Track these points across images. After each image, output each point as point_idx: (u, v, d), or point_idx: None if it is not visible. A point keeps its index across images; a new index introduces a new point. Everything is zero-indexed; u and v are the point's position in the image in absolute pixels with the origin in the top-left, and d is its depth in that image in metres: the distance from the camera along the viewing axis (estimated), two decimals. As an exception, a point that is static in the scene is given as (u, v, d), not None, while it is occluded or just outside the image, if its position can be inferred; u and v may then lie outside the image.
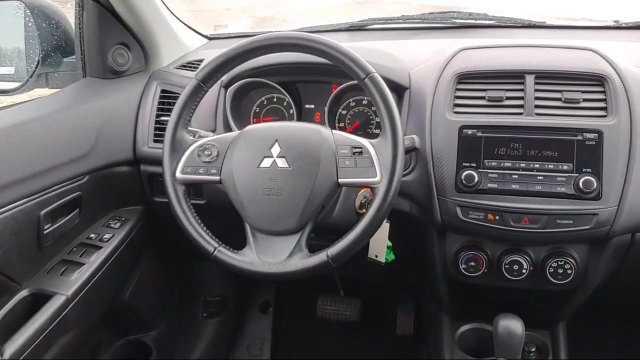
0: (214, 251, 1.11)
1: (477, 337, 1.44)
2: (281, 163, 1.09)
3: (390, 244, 1.31)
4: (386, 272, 1.56)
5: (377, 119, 1.41)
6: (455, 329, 1.46)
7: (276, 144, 1.11)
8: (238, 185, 1.11)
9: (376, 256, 1.32)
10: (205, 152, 1.15)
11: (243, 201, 1.10)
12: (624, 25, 1.66)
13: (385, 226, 1.29)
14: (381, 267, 1.34)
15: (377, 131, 1.42)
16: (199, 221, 1.14)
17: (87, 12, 1.43)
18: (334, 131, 1.13)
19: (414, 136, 1.20)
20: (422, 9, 1.79)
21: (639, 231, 1.20)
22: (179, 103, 1.16)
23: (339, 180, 1.09)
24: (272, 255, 1.09)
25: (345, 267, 1.56)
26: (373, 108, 1.41)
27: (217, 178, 1.14)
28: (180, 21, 1.74)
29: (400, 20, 1.77)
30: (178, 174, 1.15)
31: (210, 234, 1.13)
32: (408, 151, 1.19)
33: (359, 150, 1.09)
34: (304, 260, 1.07)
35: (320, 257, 1.06)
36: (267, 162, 1.10)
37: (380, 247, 1.31)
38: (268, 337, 2.06)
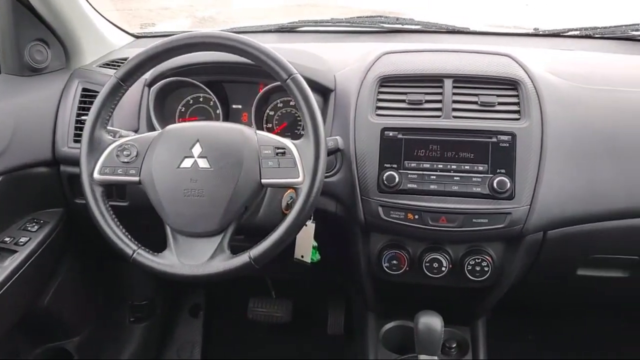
0: (133, 254, 1.09)
1: (401, 335, 1.47)
2: (202, 163, 1.08)
3: (315, 244, 1.32)
4: (314, 272, 1.58)
5: None
6: (380, 327, 1.49)
7: (197, 144, 1.10)
8: (157, 186, 1.09)
9: (302, 256, 1.33)
10: (124, 152, 1.12)
11: (163, 202, 1.08)
12: (541, 32, 1.74)
13: (311, 226, 1.30)
14: (308, 267, 1.35)
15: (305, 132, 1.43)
16: (118, 223, 1.11)
17: (0, 6, 1.37)
18: (257, 131, 1.13)
19: (337, 137, 1.21)
20: (362, 14, 1.82)
21: (550, 229, 1.25)
22: (97, 102, 1.13)
23: (262, 180, 1.09)
24: (193, 258, 1.08)
25: (273, 268, 1.56)
26: None
27: (136, 179, 1.11)
28: (105, 19, 1.69)
29: (330, 24, 1.80)
30: (96, 175, 1.12)
31: (129, 236, 1.11)
32: (332, 152, 1.20)
33: (282, 150, 1.09)
34: (225, 262, 1.07)
35: (242, 258, 1.06)
36: (187, 163, 1.09)
37: (306, 247, 1.32)
38: (198, 341, 2.04)
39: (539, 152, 1.20)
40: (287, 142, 1.10)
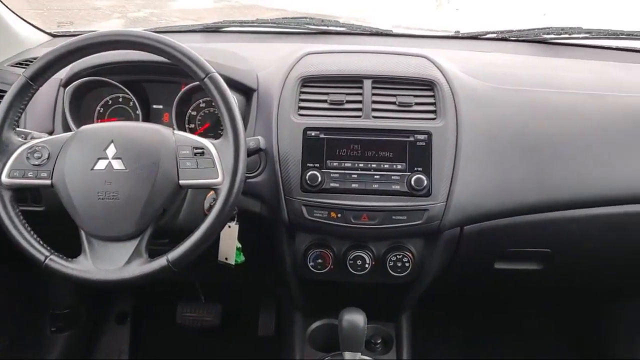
0: (45, 260, 1.05)
1: (328, 333, 1.48)
2: (117, 165, 1.06)
3: (239, 245, 1.31)
4: (242, 274, 1.57)
5: None
6: (307, 326, 1.50)
7: (112, 144, 1.07)
8: (70, 189, 1.05)
9: (226, 259, 1.31)
10: (35, 155, 1.08)
11: (76, 206, 1.05)
12: (461, 35, 1.80)
13: (235, 228, 1.29)
14: (233, 269, 1.34)
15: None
16: (29, 229, 1.07)
17: None
18: (175, 131, 1.11)
19: (259, 137, 1.21)
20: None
21: (467, 225, 1.30)
22: (4, 102, 1.08)
23: (180, 181, 1.07)
24: (109, 262, 1.05)
25: (199, 272, 1.54)
26: None
27: (48, 182, 1.07)
28: (20, 17, 1.62)
29: (255, 24, 1.79)
30: (4, 179, 1.07)
31: (40, 242, 1.07)
32: (253, 152, 1.20)
33: (200, 150, 1.08)
34: (142, 266, 1.05)
35: (160, 262, 1.04)
36: (101, 164, 1.06)
37: (229, 249, 1.30)
38: (126, 349, 1.98)
39: (454, 151, 1.24)
40: (206, 142, 1.09)
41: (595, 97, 1.36)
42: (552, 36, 1.67)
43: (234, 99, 1.27)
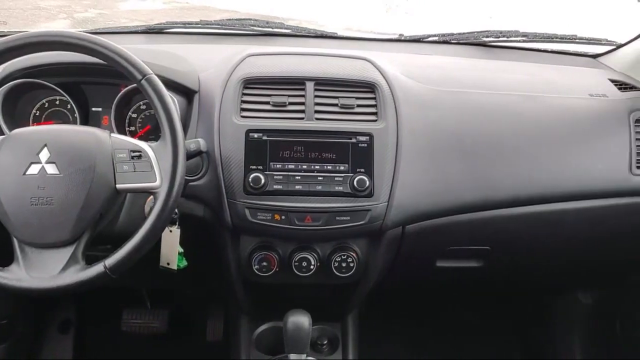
0: None
1: (275, 336, 1.48)
2: (51, 169, 1.02)
3: (182, 250, 1.29)
4: (187, 279, 1.55)
5: None
6: (253, 330, 1.49)
7: (45, 148, 1.03)
8: (1, 195, 1.02)
9: (168, 264, 1.29)
10: None
11: (8, 212, 1.01)
12: (404, 38, 1.83)
13: (176, 232, 1.27)
14: (175, 274, 1.31)
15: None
16: None
17: None
18: (112, 134, 1.09)
19: (199, 139, 1.20)
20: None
21: (408, 224, 1.32)
22: None
23: (117, 186, 1.05)
24: (43, 270, 1.02)
25: (141, 277, 1.51)
26: None
27: None
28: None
29: (199, 25, 1.77)
30: None
31: None
32: (194, 155, 1.18)
33: (137, 154, 1.06)
34: (79, 273, 1.02)
35: (97, 268, 1.02)
36: (34, 169, 1.02)
37: (171, 254, 1.28)
38: (69, 359, 1.92)
39: (394, 152, 1.26)
40: (143, 144, 1.07)
41: (530, 98, 1.41)
42: (491, 39, 1.72)
43: (173, 100, 1.25)
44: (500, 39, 1.71)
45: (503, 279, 1.62)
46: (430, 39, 1.80)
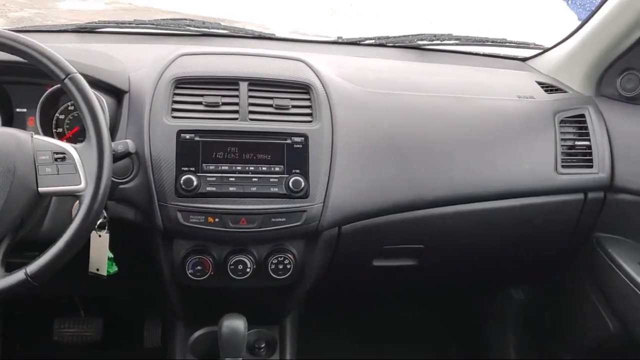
0: None
1: (211, 341, 1.45)
2: None
3: (111, 255, 1.25)
4: (119, 285, 1.50)
5: None
6: (189, 335, 1.46)
7: None
8: None
9: (97, 270, 1.25)
10: None
11: None
12: (342, 41, 1.84)
13: (105, 237, 1.23)
14: (105, 280, 1.27)
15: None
16: None
17: None
18: (35, 136, 1.05)
19: (127, 140, 1.16)
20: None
21: (344, 224, 1.32)
22: None
23: (39, 189, 1.01)
24: None
25: (70, 284, 1.45)
26: None
27: None
28: None
29: (133, 25, 1.73)
30: None
31: None
32: (122, 156, 1.15)
33: (61, 155, 1.02)
34: None
35: (18, 275, 0.98)
36: None
37: (100, 259, 1.24)
38: (-4, 372, 1.83)
39: (330, 153, 1.26)
40: (68, 146, 1.03)
41: (461, 100, 1.45)
42: (425, 42, 1.75)
43: (101, 100, 1.22)
44: (434, 42, 1.75)
45: (437, 276, 1.65)
46: (367, 41, 1.82)
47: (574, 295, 1.65)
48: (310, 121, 1.28)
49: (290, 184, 1.23)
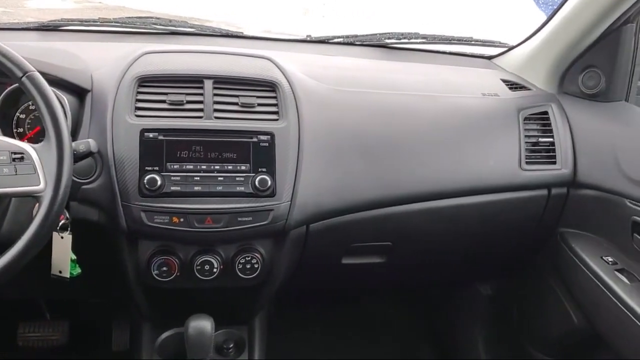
0: None
1: (179, 342, 1.44)
2: None
3: (74, 257, 1.23)
4: (84, 287, 1.48)
5: None
6: (156, 337, 1.44)
7: None
8: None
9: (60, 272, 1.23)
10: None
11: None
12: (310, 39, 1.84)
13: (68, 238, 1.21)
14: (68, 282, 1.25)
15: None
16: None
17: None
18: None
19: (89, 140, 1.14)
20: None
21: (312, 223, 1.32)
22: None
23: None
24: None
25: (33, 287, 1.42)
26: None
27: None
28: None
29: (98, 23, 1.70)
30: None
31: None
32: (83, 156, 1.13)
33: (19, 155, 1.00)
34: None
35: None
36: None
37: (63, 261, 1.22)
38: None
39: (296, 151, 1.26)
40: (26, 146, 1.01)
41: (427, 98, 1.46)
42: (393, 41, 1.76)
43: (61, 99, 1.19)
44: (402, 40, 1.75)
45: (406, 273, 1.66)
46: (335, 40, 1.82)
47: (539, 290, 1.68)
48: (277, 119, 1.28)
49: (257, 183, 1.22)
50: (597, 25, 1.41)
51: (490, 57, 1.80)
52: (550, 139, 1.46)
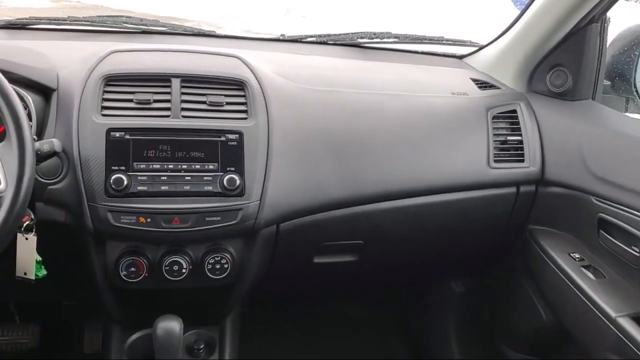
0: None
1: (148, 344, 1.42)
2: None
3: (40, 258, 1.21)
4: (52, 289, 1.46)
5: None
6: (126, 339, 1.42)
7: None
8: None
9: (25, 274, 1.21)
10: None
11: None
12: (284, 38, 1.84)
13: (32, 240, 1.19)
14: (36, 284, 1.23)
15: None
16: None
17: None
18: None
19: (53, 140, 1.13)
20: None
21: (282, 222, 1.32)
22: None
23: None
24: None
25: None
26: None
27: None
28: None
29: (67, 22, 1.68)
30: None
31: None
32: (47, 156, 1.11)
33: None
34: None
35: None
36: None
37: (28, 263, 1.20)
38: None
39: (265, 150, 1.25)
40: None
41: (399, 97, 1.46)
42: (365, 40, 1.76)
43: (27, 98, 1.18)
44: (374, 40, 1.76)
45: (378, 271, 1.67)
46: (309, 39, 1.82)
47: (510, 286, 1.69)
48: (245, 118, 1.27)
49: (225, 182, 1.21)
50: (562, 24, 1.43)
51: (461, 57, 1.81)
52: (519, 137, 1.48)
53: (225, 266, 1.28)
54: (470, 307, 1.89)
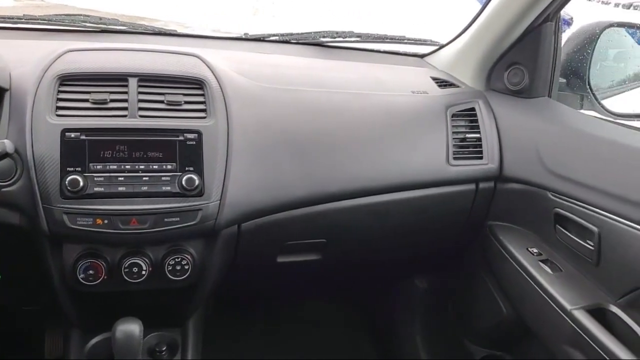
0: None
1: (108, 348, 1.40)
2: None
3: (-7, 262, 1.19)
4: (7, 293, 1.43)
5: None
6: (85, 343, 1.40)
7: None
8: None
9: (-22, 278, 1.18)
10: None
11: None
12: (247, 37, 1.83)
13: (-16, 243, 1.16)
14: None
15: None
16: None
17: None
18: None
19: (4, 141, 1.10)
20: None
21: (244, 222, 1.31)
22: None
23: None
24: None
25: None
26: None
27: None
28: None
29: (23, 20, 1.64)
30: None
31: None
32: None
33: None
34: None
35: None
36: None
37: (-20, 266, 1.18)
38: None
39: (225, 149, 1.25)
40: None
41: (359, 96, 1.47)
42: (328, 39, 1.77)
43: None
44: (337, 39, 1.77)
45: (342, 270, 1.67)
46: (272, 38, 1.82)
47: (472, 282, 1.72)
48: (204, 117, 1.26)
49: (184, 182, 1.20)
50: (518, 23, 1.45)
51: (422, 56, 1.83)
52: (477, 135, 1.50)
53: (186, 267, 1.27)
54: (434, 303, 1.91)
